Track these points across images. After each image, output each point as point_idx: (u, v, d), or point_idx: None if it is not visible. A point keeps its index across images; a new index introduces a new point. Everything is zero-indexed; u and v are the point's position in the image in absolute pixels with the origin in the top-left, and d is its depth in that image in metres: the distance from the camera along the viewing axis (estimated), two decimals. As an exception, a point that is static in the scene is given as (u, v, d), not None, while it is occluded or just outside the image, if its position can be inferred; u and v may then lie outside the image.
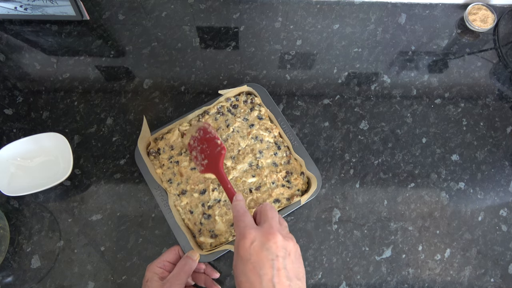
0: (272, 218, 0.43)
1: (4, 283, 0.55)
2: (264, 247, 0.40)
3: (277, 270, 0.38)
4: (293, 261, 0.40)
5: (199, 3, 0.72)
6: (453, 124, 0.66)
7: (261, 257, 0.39)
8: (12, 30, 0.69)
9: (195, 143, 0.57)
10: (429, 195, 0.61)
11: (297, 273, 0.40)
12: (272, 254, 0.39)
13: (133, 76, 0.67)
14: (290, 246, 0.41)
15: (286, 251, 0.40)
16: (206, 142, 0.57)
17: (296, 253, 0.41)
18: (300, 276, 0.40)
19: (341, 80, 0.68)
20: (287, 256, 0.40)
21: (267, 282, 0.38)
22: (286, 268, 0.39)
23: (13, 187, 0.56)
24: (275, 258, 0.39)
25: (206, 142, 0.57)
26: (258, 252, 0.40)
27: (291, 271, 0.40)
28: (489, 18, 0.70)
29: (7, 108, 0.64)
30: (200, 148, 0.57)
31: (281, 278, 0.38)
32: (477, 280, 0.57)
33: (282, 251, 0.40)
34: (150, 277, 0.49)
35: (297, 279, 0.40)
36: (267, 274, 0.38)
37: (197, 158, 0.57)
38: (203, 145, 0.57)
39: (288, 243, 0.41)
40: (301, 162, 0.59)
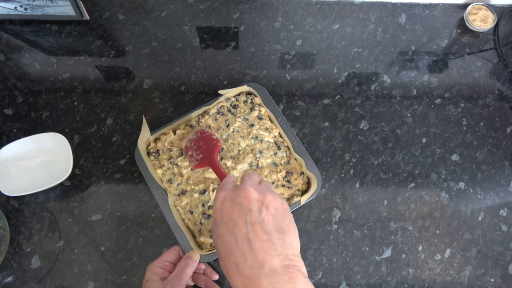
0: (249, 178, 0.39)
1: (4, 283, 0.55)
2: (235, 202, 0.36)
3: (251, 225, 0.34)
4: (273, 214, 0.36)
5: (199, 3, 0.72)
6: (453, 124, 0.66)
7: (233, 213, 0.35)
8: (12, 30, 0.69)
9: (192, 144, 0.57)
10: (429, 195, 0.61)
11: (279, 227, 0.36)
12: (244, 208, 0.35)
13: (133, 76, 0.67)
14: (268, 199, 0.36)
15: (262, 204, 0.36)
16: (202, 141, 0.57)
17: (277, 206, 0.37)
18: (284, 230, 0.36)
19: (341, 80, 0.68)
20: (264, 209, 0.35)
21: (242, 239, 0.34)
22: (264, 221, 0.35)
23: (13, 187, 0.56)
24: (248, 213, 0.35)
25: (202, 141, 0.57)
26: (229, 209, 0.36)
27: (270, 224, 0.35)
28: (489, 18, 0.70)
29: (7, 108, 0.64)
30: (196, 146, 0.57)
31: (258, 233, 0.34)
32: (477, 280, 0.57)
33: (256, 204, 0.35)
34: (150, 277, 0.49)
35: (278, 232, 0.35)
36: (242, 230, 0.34)
37: (192, 156, 0.57)
38: (199, 144, 0.57)
39: (265, 196, 0.36)
40: (301, 162, 0.59)
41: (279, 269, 0.33)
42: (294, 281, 0.33)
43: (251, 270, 0.33)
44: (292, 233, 0.36)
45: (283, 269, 0.33)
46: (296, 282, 0.33)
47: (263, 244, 0.33)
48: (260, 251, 0.33)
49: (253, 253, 0.33)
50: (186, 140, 0.59)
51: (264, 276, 0.32)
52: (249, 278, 0.33)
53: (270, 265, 0.33)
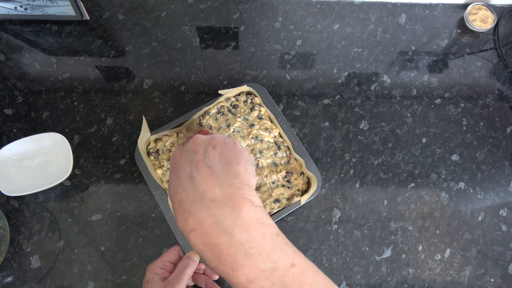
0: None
1: (4, 283, 0.55)
2: (184, 149, 0.35)
3: (195, 163, 0.32)
4: (220, 152, 0.33)
5: (199, 3, 0.72)
6: (453, 124, 0.66)
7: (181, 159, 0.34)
8: (12, 30, 0.69)
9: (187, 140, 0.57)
10: (429, 195, 0.61)
11: (226, 160, 0.33)
12: (190, 152, 0.34)
13: (133, 76, 0.67)
14: (216, 140, 0.34)
15: (209, 145, 0.34)
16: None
17: (226, 143, 0.34)
18: (230, 161, 0.33)
19: (341, 80, 0.68)
20: (210, 149, 0.33)
21: (186, 177, 0.32)
22: (209, 157, 0.32)
23: (13, 187, 0.56)
24: (193, 154, 0.33)
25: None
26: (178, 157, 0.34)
27: (215, 159, 0.33)
28: (489, 18, 0.70)
29: (7, 108, 0.64)
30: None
31: (200, 169, 0.32)
32: (477, 280, 0.57)
33: (203, 146, 0.34)
34: (151, 277, 0.49)
35: (223, 164, 0.32)
36: (186, 170, 0.32)
37: None
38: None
39: (213, 139, 0.34)
40: (301, 162, 0.59)
41: (220, 199, 0.30)
42: (239, 209, 0.30)
43: (192, 204, 0.30)
44: (242, 164, 0.33)
45: (225, 198, 0.30)
46: (242, 211, 0.30)
47: (205, 177, 0.31)
48: (201, 184, 0.31)
49: (194, 187, 0.31)
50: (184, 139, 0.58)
51: (205, 207, 0.30)
52: (190, 212, 0.30)
53: (210, 196, 0.30)
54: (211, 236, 0.29)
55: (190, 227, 0.30)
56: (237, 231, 0.29)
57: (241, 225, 0.29)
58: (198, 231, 0.30)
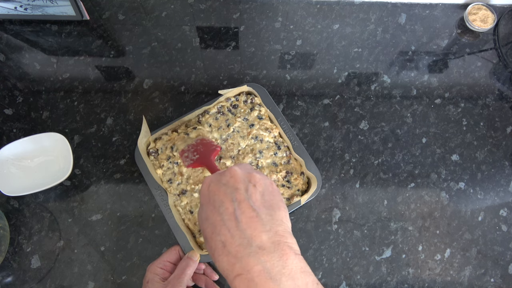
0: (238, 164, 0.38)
1: (4, 283, 0.55)
2: (221, 183, 0.34)
3: (238, 203, 0.33)
4: (261, 192, 0.34)
5: (199, 3, 0.72)
6: (453, 124, 0.66)
7: (220, 193, 0.34)
8: (12, 30, 0.69)
9: (189, 148, 0.57)
10: (429, 195, 0.61)
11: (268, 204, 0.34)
12: (230, 188, 0.34)
13: (133, 76, 0.67)
14: (255, 178, 0.35)
15: (249, 182, 0.34)
16: (201, 146, 0.57)
17: (265, 184, 0.35)
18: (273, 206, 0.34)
19: (341, 80, 0.68)
20: (251, 187, 0.34)
21: (229, 217, 0.32)
22: (251, 198, 0.33)
23: (13, 187, 0.56)
24: (234, 191, 0.33)
25: (201, 146, 0.57)
26: (215, 190, 0.34)
27: (258, 201, 0.33)
28: (489, 18, 0.70)
29: (7, 108, 0.64)
30: (194, 149, 0.56)
31: (245, 209, 0.32)
32: (477, 280, 0.57)
33: (243, 183, 0.34)
34: (151, 278, 0.49)
35: (266, 208, 0.33)
36: (228, 208, 0.33)
37: (187, 157, 0.56)
38: (197, 147, 0.57)
39: (251, 175, 0.35)
40: (301, 162, 0.59)
41: (268, 246, 0.31)
42: (285, 258, 0.31)
43: (238, 248, 0.31)
44: (282, 210, 0.34)
45: (272, 246, 0.31)
46: (288, 259, 0.31)
47: (250, 220, 0.32)
48: (248, 228, 0.31)
49: (240, 230, 0.31)
50: (185, 144, 0.59)
51: (253, 253, 0.30)
52: (236, 257, 0.31)
53: (258, 242, 0.31)
54: (258, 283, 0.30)
55: (236, 272, 0.30)
56: (284, 280, 0.30)
57: (287, 273, 0.30)
58: (245, 277, 0.30)
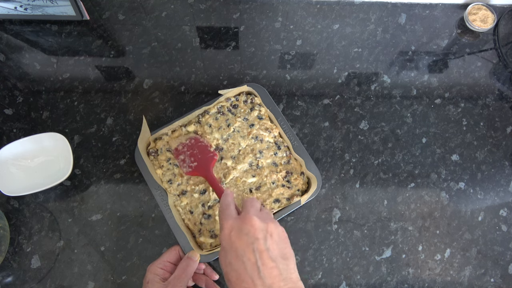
0: (252, 205, 0.42)
1: (4, 283, 0.55)
2: (242, 232, 0.39)
3: (259, 253, 0.38)
4: (277, 242, 0.40)
5: (199, 3, 0.72)
6: (453, 124, 0.66)
7: (241, 242, 0.39)
8: (12, 30, 0.69)
9: (184, 148, 0.58)
10: (429, 195, 0.61)
11: (283, 253, 0.39)
12: (251, 237, 0.39)
13: (133, 76, 0.67)
14: (271, 228, 0.40)
15: (266, 232, 0.39)
16: (197, 149, 0.58)
17: (279, 234, 0.41)
18: (288, 256, 0.40)
19: (341, 80, 0.68)
20: (269, 237, 0.39)
21: (252, 267, 0.37)
22: (269, 249, 0.38)
23: (13, 187, 0.56)
24: (255, 241, 0.38)
25: (197, 149, 0.58)
26: (237, 238, 0.39)
27: (275, 251, 0.39)
28: (489, 18, 0.70)
29: (7, 108, 0.64)
30: (190, 153, 0.58)
31: (265, 260, 0.38)
32: (477, 280, 0.57)
33: (262, 233, 0.39)
34: (151, 278, 0.49)
35: (282, 258, 0.39)
36: (250, 259, 0.38)
37: (184, 161, 0.57)
38: (193, 151, 0.58)
39: (268, 225, 0.40)
40: (301, 162, 0.59)
41: None
42: None
43: None
44: (292, 257, 0.40)
45: None
46: None
47: (270, 271, 0.37)
48: (268, 277, 0.37)
49: (262, 279, 0.37)
50: (178, 142, 0.59)
51: None
52: None
53: None
54: None
55: None
56: None
57: None
58: None
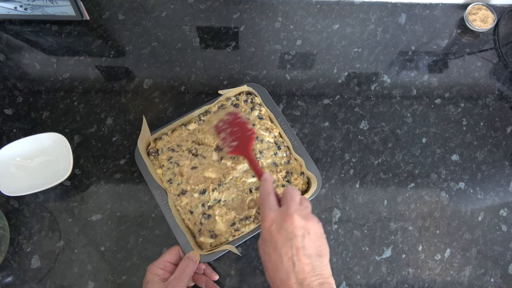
0: (292, 199, 0.44)
1: (4, 283, 0.55)
2: (282, 227, 0.41)
3: (296, 249, 0.40)
4: (313, 240, 0.42)
5: (199, 3, 0.72)
6: (453, 124, 0.66)
7: (281, 237, 0.41)
8: (12, 30, 0.69)
9: (225, 125, 0.58)
10: (429, 195, 0.61)
11: (318, 251, 0.42)
12: (290, 234, 0.41)
13: (133, 76, 0.67)
14: (310, 225, 0.42)
15: (305, 230, 0.41)
16: (236, 126, 0.57)
17: (316, 232, 0.43)
18: (322, 253, 0.42)
19: (341, 80, 0.68)
20: (306, 235, 0.41)
21: (287, 261, 0.40)
22: (305, 246, 0.41)
23: (13, 187, 0.56)
24: (293, 238, 0.41)
25: (236, 126, 0.57)
26: (277, 233, 0.41)
27: (311, 249, 0.41)
28: (489, 18, 0.70)
29: (7, 108, 0.64)
30: (230, 130, 0.57)
31: (301, 257, 0.40)
32: (477, 280, 0.57)
33: (300, 231, 0.41)
34: (151, 278, 0.49)
35: (317, 256, 0.41)
36: (287, 253, 0.40)
37: (225, 140, 0.57)
38: (233, 128, 0.57)
39: (307, 223, 0.42)
40: (301, 162, 0.59)
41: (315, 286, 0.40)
42: None
43: (293, 286, 0.40)
44: (327, 255, 0.43)
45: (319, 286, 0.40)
46: None
47: (304, 267, 0.40)
48: (301, 272, 0.40)
49: (295, 273, 0.40)
50: (217, 118, 0.59)
51: None
52: None
53: (309, 282, 0.39)
54: None
55: None
56: None
57: None
58: None
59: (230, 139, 0.57)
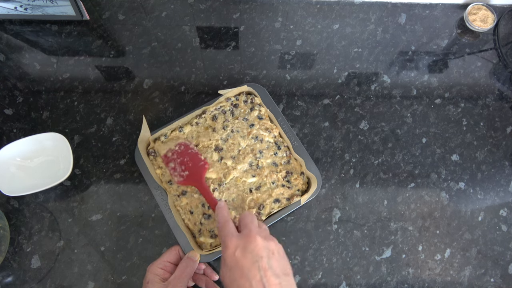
0: (251, 222, 0.44)
1: (4, 283, 0.55)
2: (247, 251, 0.41)
3: (264, 271, 0.40)
4: (278, 259, 0.42)
5: (199, 3, 0.72)
6: (453, 124, 0.66)
7: (246, 261, 0.41)
8: (12, 30, 0.69)
9: (174, 155, 0.58)
10: (429, 195, 0.61)
11: (284, 270, 0.42)
12: (255, 256, 0.41)
13: (133, 76, 0.67)
14: (272, 246, 0.42)
15: (269, 250, 0.42)
16: (187, 156, 0.57)
17: (279, 251, 0.43)
18: (288, 272, 0.42)
19: (341, 80, 0.68)
20: (271, 255, 0.42)
21: (257, 284, 0.39)
22: (272, 267, 0.41)
23: (13, 187, 0.56)
24: (259, 260, 0.41)
25: (187, 156, 0.57)
26: (242, 257, 0.41)
27: (278, 269, 0.41)
28: (489, 18, 0.70)
29: (7, 108, 0.64)
30: (180, 160, 0.57)
31: (269, 277, 0.40)
32: (477, 280, 0.57)
33: (265, 251, 0.41)
34: (151, 278, 0.49)
35: (284, 275, 0.41)
36: (255, 276, 0.40)
37: (175, 169, 0.57)
38: (183, 158, 0.57)
39: (269, 243, 0.42)
40: (301, 162, 0.59)
41: None
42: None
43: None
44: (291, 272, 0.43)
45: None
46: None
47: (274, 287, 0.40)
48: None
49: None
50: (166, 148, 0.59)
51: None
52: None
53: None
54: None
55: None
56: None
57: None
58: None
59: (181, 169, 0.57)
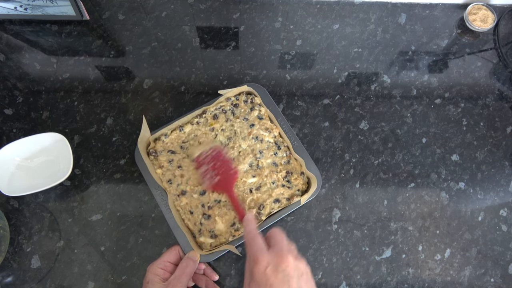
0: (282, 240, 0.44)
1: (4, 283, 0.55)
2: (279, 269, 0.41)
3: None
4: (306, 281, 0.42)
5: (199, 3, 0.72)
6: (453, 124, 0.66)
7: (277, 280, 0.41)
8: (12, 30, 0.69)
9: (206, 159, 0.57)
10: (429, 195, 0.61)
11: None
12: (286, 276, 0.41)
13: (133, 76, 0.67)
14: (302, 267, 0.43)
15: (299, 271, 0.42)
16: (219, 162, 0.57)
17: (308, 273, 0.43)
18: None
19: (341, 80, 0.68)
20: (301, 276, 0.42)
21: None
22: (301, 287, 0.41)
23: (13, 187, 0.56)
24: (290, 280, 0.41)
25: (219, 162, 0.57)
26: (273, 275, 0.41)
27: None
28: (489, 18, 0.70)
29: (7, 108, 0.64)
30: (212, 165, 0.57)
31: None
32: (477, 280, 0.57)
33: (296, 272, 0.41)
34: (151, 278, 0.49)
35: None
36: None
37: (206, 174, 0.57)
38: (215, 163, 0.57)
39: (300, 264, 0.43)
40: (301, 162, 0.59)
41: None
42: None
43: None
44: None
45: None
46: None
47: None
48: None
49: None
50: (199, 151, 0.58)
51: None
52: None
53: None
54: None
55: None
56: None
57: None
58: None
59: (212, 174, 0.56)
